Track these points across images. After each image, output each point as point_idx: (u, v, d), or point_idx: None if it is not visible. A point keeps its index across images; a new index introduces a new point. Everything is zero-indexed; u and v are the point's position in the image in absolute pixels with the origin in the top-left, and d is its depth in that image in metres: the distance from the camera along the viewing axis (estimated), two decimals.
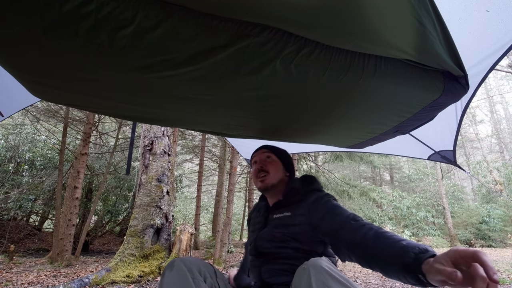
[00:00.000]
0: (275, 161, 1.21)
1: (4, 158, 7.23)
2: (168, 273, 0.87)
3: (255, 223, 1.21)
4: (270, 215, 1.14)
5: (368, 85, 0.89)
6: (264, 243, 1.06)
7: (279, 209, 1.12)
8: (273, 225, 1.09)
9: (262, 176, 1.16)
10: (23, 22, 0.66)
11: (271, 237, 1.04)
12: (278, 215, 1.10)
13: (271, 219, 1.12)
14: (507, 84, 24.54)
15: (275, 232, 1.04)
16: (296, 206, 1.07)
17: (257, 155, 1.24)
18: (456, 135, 1.65)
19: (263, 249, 1.05)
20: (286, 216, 1.07)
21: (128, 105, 1.16)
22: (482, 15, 0.92)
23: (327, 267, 0.72)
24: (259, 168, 1.17)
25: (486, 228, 12.56)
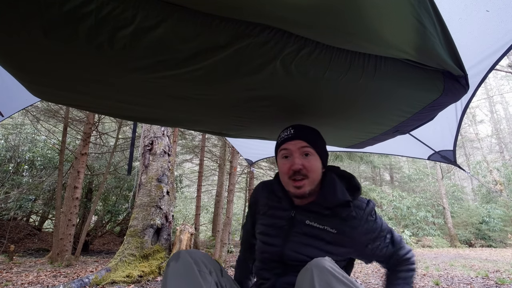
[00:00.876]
0: (315, 159, 0.94)
1: (4, 158, 7.23)
2: (174, 264, 0.84)
3: (274, 216, 1.00)
4: (298, 216, 0.96)
5: (368, 85, 0.89)
6: (293, 253, 0.93)
7: (314, 214, 0.95)
8: (306, 233, 0.93)
9: (300, 181, 0.91)
10: (23, 22, 0.66)
11: (304, 251, 0.92)
12: (314, 223, 0.94)
13: (300, 222, 0.95)
14: (507, 84, 24.54)
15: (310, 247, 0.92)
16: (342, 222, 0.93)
17: (291, 145, 0.94)
18: (456, 135, 1.65)
19: (291, 261, 0.93)
20: (328, 232, 0.92)
21: (128, 105, 1.16)
22: (482, 15, 0.92)
23: (330, 267, 0.72)
24: (297, 170, 0.91)
25: (486, 228, 12.57)
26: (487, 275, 4.40)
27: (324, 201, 0.95)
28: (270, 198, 1.05)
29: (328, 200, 0.94)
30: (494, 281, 3.90)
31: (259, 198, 1.09)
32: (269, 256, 0.98)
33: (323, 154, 0.99)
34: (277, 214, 1.01)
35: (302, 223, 0.95)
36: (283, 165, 0.96)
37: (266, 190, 1.08)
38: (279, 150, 0.99)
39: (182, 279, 0.81)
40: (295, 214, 0.97)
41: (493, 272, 4.77)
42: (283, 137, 0.98)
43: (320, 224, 0.94)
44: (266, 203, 1.05)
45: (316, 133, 1.02)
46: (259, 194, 1.10)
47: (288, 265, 0.94)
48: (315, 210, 0.96)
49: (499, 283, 3.77)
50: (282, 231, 0.97)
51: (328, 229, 0.93)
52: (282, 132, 1.02)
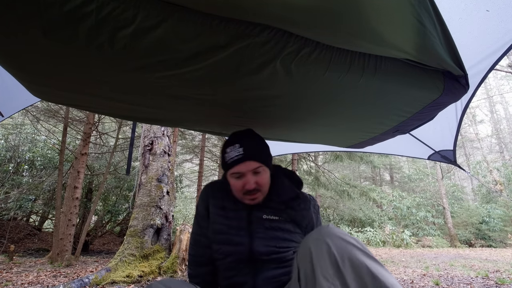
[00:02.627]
0: (265, 173, 0.98)
1: (4, 158, 7.23)
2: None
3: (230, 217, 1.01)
4: (254, 213, 1.00)
5: (368, 85, 0.89)
6: (262, 248, 0.94)
7: (268, 208, 1.00)
8: (267, 227, 0.97)
9: (253, 195, 0.96)
10: (24, 22, 0.66)
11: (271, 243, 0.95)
12: (272, 216, 0.99)
13: (258, 217, 0.99)
14: (507, 84, 24.55)
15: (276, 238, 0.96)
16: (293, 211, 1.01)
17: (243, 168, 0.94)
18: (456, 135, 1.65)
19: (261, 256, 0.94)
20: (286, 222, 0.99)
21: (128, 105, 1.16)
22: (482, 15, 0.92)
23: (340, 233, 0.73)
24: (251, 189, 0.94)
25: (486, 228, 12.57)
26: (487, 275, 4.40)
27: (277, 197, 1.02)
28: (223, 199, 1.04)
29: (281, 196, 1.03)
30: (494, 281, 3.90)
31: (211, 200, 1.06)
32: (237, 257, 0.96)
33: (270, 162, 1.02)
34: (233, 214, 1.01)
35: (260, 218, 0.99)
36: (235, 184, 0.97)
37: (218, 191, 1.07)
38: (229, 172, 0.97)
39: None
40: (252, 211, 1.00)
41: (493, 272, 4.77)
42: (233, 159, 0.95)
43: (276, 215, 1.00)
44: (220, 205, 1.04)
45: (263, 145, 1.02)
46: (210, 196, 1.07)
47: (259, 261, 0.95)
48: (269, 205, 1.01)
49: (499, 283, 3.77)
50: (243, 229, 0.98)
51: (283, 219, 1.00)
52: (230, 150, 0.96)
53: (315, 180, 9.55)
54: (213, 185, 1.11)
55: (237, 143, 0.96)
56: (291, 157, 7.98)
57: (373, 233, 11.44)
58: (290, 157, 8.19)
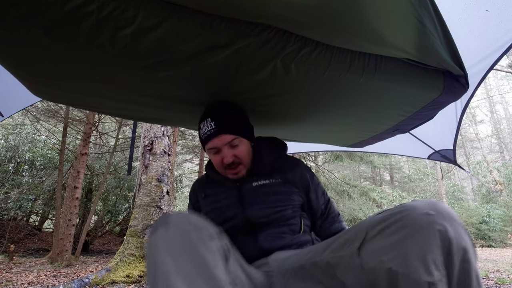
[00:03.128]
0: (243, 145, 0.95)
1: (4, 158, 7.23)
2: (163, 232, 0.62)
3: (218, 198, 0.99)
4: (244, 185, 0.97)
5: (369, 84, 0.89)
6: (259, 211, 0.92)
7: (255, 176, 0.98)
8: (261, 193, 0.95)
9: (235, 168, 0.94)
10: (24, 22, 0.66)
11: (267, 203, 0.93)
12: (261, 182, 0.97)
13: (248, 188, 0.96)
14: (507, 84, 24.55)
15: (273, 201, 0.93)
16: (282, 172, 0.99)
17: (217, 142, 0.92)
18: (456, 134, 1.65)
19: (259, 219, 0.92)
20: (276, 183, 0.97)
21: (129, 104, 1.16)
22: (482, 15, 0.92)
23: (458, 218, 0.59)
24: (229, 163, 0.92)
25: (486, 228, 12.57)
26: (487, 275, 4.40)
27: (259, 163, 1.00)
28: (209, 188, 1.04)
29: (262, 161, 1.00)
30: (494, 281, 3.90)
31: (198, 194, 1.06)
32: (236, 228, 0.93)
33: (249, 133, 0.99)
34: (222, 195, 0.99)
35: (250, 188, 0.96)
36: (214, 159, 0.96)
37: (203, 183, 1.08)
38: (206, 148, 0.96)
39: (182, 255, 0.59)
40: (240, 186, 0.98)
41: (493, 272, 4.77)
42: (206, 134, 0.93)
43: (265, 179, 0.97)
44: (208, 193, 1.03)
45: (236, 115, 0.98)
46: (197, 190, 1.08)
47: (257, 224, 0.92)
48: (255, 173, 0.99)
49: (499, 283, 3.77)
50: (235, 201, 0.96)
51: (273, 180, 0.97)
52: (202, 125, 0.94)
53: None
54: (198, 181, 1.11)
55: (209, 117, 0.93)
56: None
57: None
58: None
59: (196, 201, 1.07)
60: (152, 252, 0.61)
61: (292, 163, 1.03)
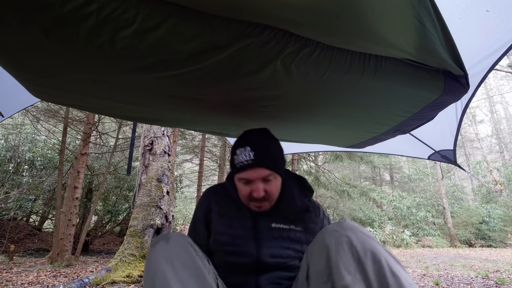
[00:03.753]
0: (276, 181, 0.91)
1: (4, 158, 7.23)
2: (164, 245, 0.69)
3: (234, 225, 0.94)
4: (262, 222, 0.93)
5: (369, 85, 0.89)
6: (271, 259, 0.89)
7: (277, 217, 0.94)
8: (276, 237, 0.91)
9: (260, 203, 0.90)
10: (24, 23, 0.66)
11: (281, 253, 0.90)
12: (282, 225, 0.93)
13: (266, 226, 0.93)
14: (507, 84, 24.54)
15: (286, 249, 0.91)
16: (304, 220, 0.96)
17: (253, 175, 0.87)
18: (456, 135, 1.65)
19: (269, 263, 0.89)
20: (296, 231, 0.93)
21: (129, 105, 1.16)
22: (482, 15, 0.92)
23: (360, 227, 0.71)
24: (260, 198, 0.88)
25: (486, 228, 12.57)
26: (487, 275, 4.40)
27: (286, 207, 0.95)
28: (227, 206, 0.97)
29: (290, 207, 0.95)
30: (494, 281, 3.90)
31: (213, 206, 0.98)
32: (242, 266, 0.90)
33: (283, 170, 0.94)
34: (237, 223, 0.93)
35: (269, 227, 0.92)
36: (243, 189, 0.90)
37: (221, 196, 1.00)
38: (237, 176, 0.90)
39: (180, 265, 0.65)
40: (258, 219, 0.93)
41: (493, 272, 4.77)
42: (242, 163, 0.87)
43: (285, 224, 0.93)
44: (223, 212, 0.96)
45: (276, 150, 0.94)
46: (212, 201, 1.00)
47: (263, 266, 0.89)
48: (278, 213, 0.94)
49: (499, 283, 3.77)
50: (250, 239, 0.90)
51: (294, 227, 0.94)
52: (240, 152, 0.89)
53: (315, 180, 9.55)
54: (215, 190, 1.03)
55: (249, 146, 0.88)
56: (291, 157, 7.99)
57: (373, 233, 11.43)
58: (290, 157, 8.20)
59: (209, 212, 0.99)
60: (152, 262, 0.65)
61: (314, 211, 1.00)
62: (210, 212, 0.98)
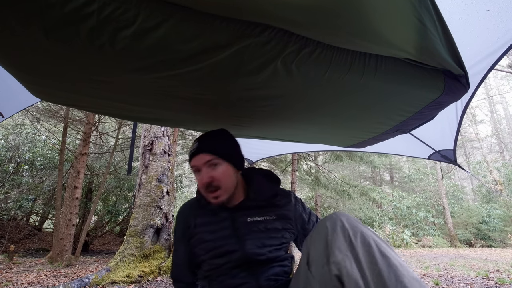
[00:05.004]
0: (222, 167, 0.95)
1: (4, 158, 7.23)
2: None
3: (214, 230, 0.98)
4: (238, 218, 0.99)
5: (369, 85, 0.89)
6: (256, 249, 0.94)
7: (250, 210, 1.00)
8: (253, 230, 0.97)
9: (214, 192, 0.94)
10: (24, 23, 0.66)
11: (263, 242, 0.95)
12: (256, 218, 0.99)
13: (242, 222, 0.98)
14: (507, 84, 24.54)
15: (267, 238, 0.96)
16: (276, 208, 1.03)
17: (197, 161, 0.95)
18: (456, 135, 1.65)
19: (258, 257, 0.93)
20: (271, 220, 1.00)
21: (129, 105, 1.16)
22: (482, 15, 0.92)
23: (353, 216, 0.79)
24: (206, 184, 0.93)
25: (486, 228, 12.57)
26: (487, 275, 4.40)
27: (256, 196, 1.02)
28: (202, 215, 1.02)
29: (260, 195, 1.02)
30: (494, 281, 3.90)
31: (191, 219, 1.03)
32: (232, 264, 0.93)
33: (234, 158, 1.00)
34: (216, 227, 0.99)
35: (245, 222, 0.98)
36: (197, 181, 0.98)
37: (194, 209, 1.05)
38: (191, 167, 0.99)
39: None
40: (235, 217, 0.99)
41: (493, 272, 4.77)
42: (190, 154, 0.98)
43: (259, 216, 0.99)
44: (201, 222, 1.01)
45: (221, 140, 1.02)
46: (188, 215, 1.04)
47: (256, 262, 0.94)
48: (250, 206, 1.01)
49: (499, 283, 3.77)
50: (231, 237, 0.96)
51: (268, 217, 1.00)
52: (192, 145, 1.01)
53: (315, 180, 9.54)
54: (189, 206, 1.08)
55: (196, 140, 1.00)
56: (291, 157, 7.98)
57: None
58: (290, 157, 8.19)
59: (187, 228, 1.03)
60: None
61: (285, 197, 1.07)
62: (188, 228, 1.03)
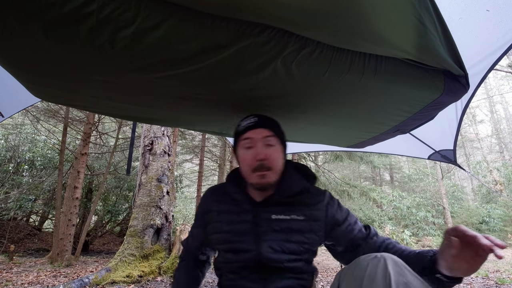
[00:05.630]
0: (277, 148, 0.91)
1: (4, 158, 7.23)
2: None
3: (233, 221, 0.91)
4: (261, 214, 0.90)
5: (369, 85, 0.89)
6: (273, 254, 0.84)
7: (277, 207, 0.90)
8: (276, 229, 0.87)
9: (264, 172, 0.87)
10: (24, 23, 0.66)
11: (283, 247, 0.85)
12: (282, 216, 0.89)
13: (266, 219, 0.89)
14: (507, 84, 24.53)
15: (287, 242, 0.86)
16: (305, 207, 0.91)
17: (255, 134, 0.90)
18: (456, 135, 1.65)
19: (273, 263, 0.84)
20: (298, 221, 0.88)
21: (129, 105, 1.16)
22: (482, 15, 0.92)
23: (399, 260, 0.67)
24: (261, 160, 0.87)
25: (486, 228, 12.57)
26: (487, 275, 4.40)
27: (284, 191, 0.92)
28: (224, 203, 0.96)
29: (288, 189, 0.92)
30: (494, 281, 3.90)
31: (213, 205, 0.97)
32: (243, 264, 0.87)
33: (284, 146, 0.97)
34: (236, 218, 0.91)
35: (268, 219, 0.88)
36: (245, 155, 0.90)
37: (219, 194, 0.99)
38: (241, 140, 0.92)
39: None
40: (258, 212, 0.90)
41: (493, 272, 4.77)
42: (245, 125, 0.92)
43: (286, 215, 0.89)
44: (222, 209, 0.95)
45: (279, 124, 0.99)
46: (211, 200, 0.99)
47: (269, 268, 0.85)
48: (277, 202, 0.91)
49: (499, 283, 3.77)
50: (249, 234, 0.88)
51: (295, 217, 0.89)
52: (243, 121, 0.95)
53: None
54: (215, 190, 1.03)
55: (252, 115, 0.95)
56: (291, 157, 7.99)
57: None
58: (290, 157, 8.21)
59: (207, 212, 0.98)
60: None
61: (316, 196, 0.94)
62: (209, 212, 0.98)
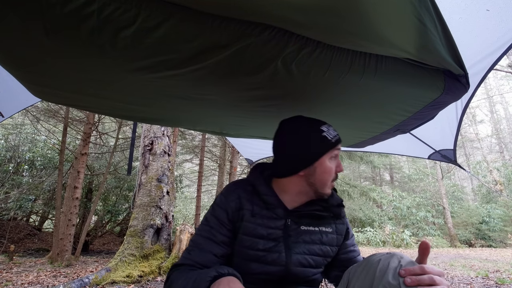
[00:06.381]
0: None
1: (4, 158, 7.23)
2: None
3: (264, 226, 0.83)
4: (292, 223, 0.84)
5: (369, 84, 0.89)
6: (300, 268, 0.82)
7: (306, 218, 0.86)
8: (305, 241, 0.84)
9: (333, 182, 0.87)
10: (25, 23, 0.66)
11: (310, 261, 0.83)
12: (310, 227, 0.85)
13: (296, 230, 0.84)
14: (507, 84, 24.55)
15: (314, 255, 0.84)
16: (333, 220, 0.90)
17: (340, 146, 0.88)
18: (456, 134, 1.65)
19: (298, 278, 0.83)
20: (327, 233, 0.87)
21: (129, 105, 1.16)
22: (482, 14, 0.92)
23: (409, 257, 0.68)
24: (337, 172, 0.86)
25: (486, 228, 12.58)
26: (487, 275, 4.40)
27: (322, 202, 0.87)
28: (257, 204, 0.85)
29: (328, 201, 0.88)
30: (494, 281, 3.90)
31: (245, 203, 0.85)
32: (268, 277, 0.82)
33: None
34: (268, 224, 0.83)
35: (298, 230, 0.84)
36: (329, 168, 0.84)
37: (249, 193, 0.87)
38: (333, 151, 0.84)
39: None
40: (289, 221, 0.84)
41: (493, 272, 4.78)
42: (336, 138, 0.86)
43: (314, 226, 0.86)
44: (254, 211, 0.84)
45: None
46: (241, 198, 0.86)
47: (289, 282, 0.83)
48: (308, 212, 0.86)
49: (499, 283, 3.77)
50: (280, 244, 0.82)
51: (323, 229, 0.87)
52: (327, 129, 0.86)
53: None
54: (243, 187, 0.89)
55: (330, 125, 0.89)
56: None
57: (373, 233, 11.44)
58: None
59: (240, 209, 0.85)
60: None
61: (341, 209, 0.92)
62: (241, 210, 0.85)
